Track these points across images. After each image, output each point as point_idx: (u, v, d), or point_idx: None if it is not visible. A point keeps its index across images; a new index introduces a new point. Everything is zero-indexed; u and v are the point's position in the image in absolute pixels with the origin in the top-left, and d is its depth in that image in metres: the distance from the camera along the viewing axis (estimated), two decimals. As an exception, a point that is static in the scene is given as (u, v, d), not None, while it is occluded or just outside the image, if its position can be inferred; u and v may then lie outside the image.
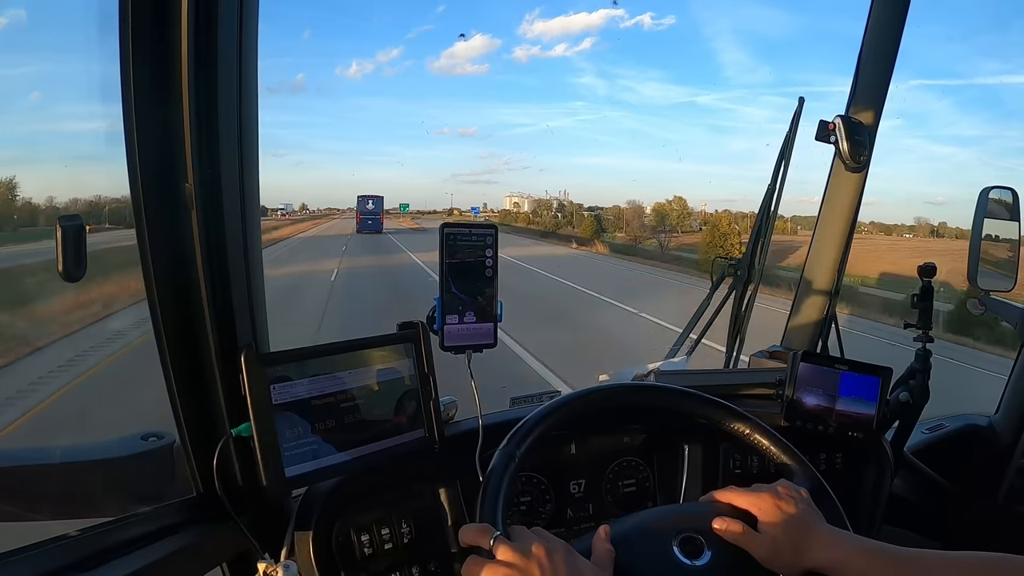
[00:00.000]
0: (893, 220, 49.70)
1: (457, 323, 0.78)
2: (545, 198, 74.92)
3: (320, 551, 0.76)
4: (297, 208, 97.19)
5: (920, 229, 49.62)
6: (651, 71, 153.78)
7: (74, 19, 1.54)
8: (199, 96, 0.64)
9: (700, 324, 1.43)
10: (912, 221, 51.57)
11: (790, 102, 1.31)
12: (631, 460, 1.01)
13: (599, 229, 49.97)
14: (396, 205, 68.26)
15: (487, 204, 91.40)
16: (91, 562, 0.64)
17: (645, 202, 51.13)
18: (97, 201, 3.81)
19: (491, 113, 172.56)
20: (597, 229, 49.54)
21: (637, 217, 49.42)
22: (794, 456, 0.76)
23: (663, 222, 47.87)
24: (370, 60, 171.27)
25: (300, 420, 0.70)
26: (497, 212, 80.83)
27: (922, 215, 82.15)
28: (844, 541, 0.64)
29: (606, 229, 51.12)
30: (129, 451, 0.74)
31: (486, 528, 0.59)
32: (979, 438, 1.36)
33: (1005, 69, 79.81)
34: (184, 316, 0.69)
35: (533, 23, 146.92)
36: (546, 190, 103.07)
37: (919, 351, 1.14)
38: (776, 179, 1.33)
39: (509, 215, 75.22)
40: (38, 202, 8.34)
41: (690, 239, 24.73)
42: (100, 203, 3.70)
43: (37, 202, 7.95)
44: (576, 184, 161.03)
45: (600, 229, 50.06)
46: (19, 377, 4.48)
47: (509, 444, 0.68)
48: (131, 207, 0.65)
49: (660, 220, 48.40)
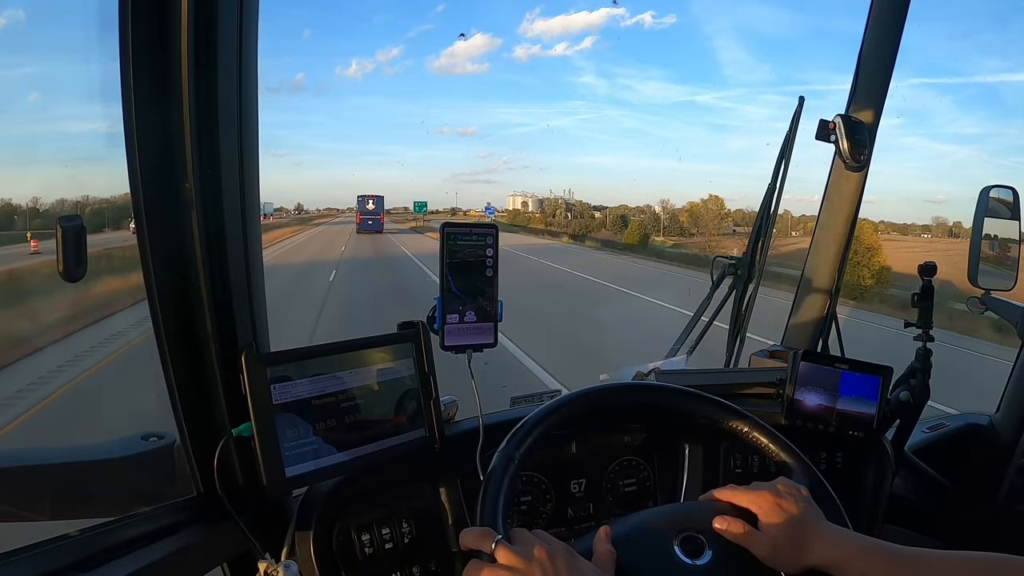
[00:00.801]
0: (898, 219, 47.82)
1: (457, 323, 0.78)
2: (551, 197, 73.61)
3: (321, 551, 0.76)
4: (293, 208, 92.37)
5: (937, 229, 47.08)
6: (651, 70, 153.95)
7: (74, 19, 1.54)
8: (199, 96, 0.64)
9: (700, 324, 1.43)
10: (916, 220, 49.64)
11: (790, 100, 1.31)
12: (631, 460, 1.01)
13: (644, 235, 45.04)
14: (408, 205, 64.32)
15: (490, 203, 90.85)
16: (92, 562, 0.64)
17: (674, 201, 47.72)
18: (84, 202, 3.76)
19: (491, 112, 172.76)
20: (643, 235, 44.31)
21: (715, 219, 42.26)
22: (793, 454, 0.75)
23: (696, 224, 44.05)
24: (370, 59, 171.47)
25: (300, 420, 0.70)
26: (506, 212, 78.40)
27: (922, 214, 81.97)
28: (845, 539, 0.64)
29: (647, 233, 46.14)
30: (129, 451, 0.74)
31: (487, 532, 0.58)
32: (980, 437, 1.36)
33: (1005, 67, 79.84)
34: (184, 316, 0.69)
35: (534, 22, 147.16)
36: (551, 189, 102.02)
37: (919, 350, 1.14)
38: (776, 178, 1.33)
39: (519, 215, 73.20)
40: (19, 203, 8.16)
41: (788, 248, 19.80)
42: (86, 203, 3.65)
43: (18, 203, 7.77)
44: (575, 183, 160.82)
45: (644, 235, 45.33)
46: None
47: (508, 445, 0.68)
48: (130, 206, 0.65)
49: (694, 222, 44.70)
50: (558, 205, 70.25)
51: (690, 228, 45.05)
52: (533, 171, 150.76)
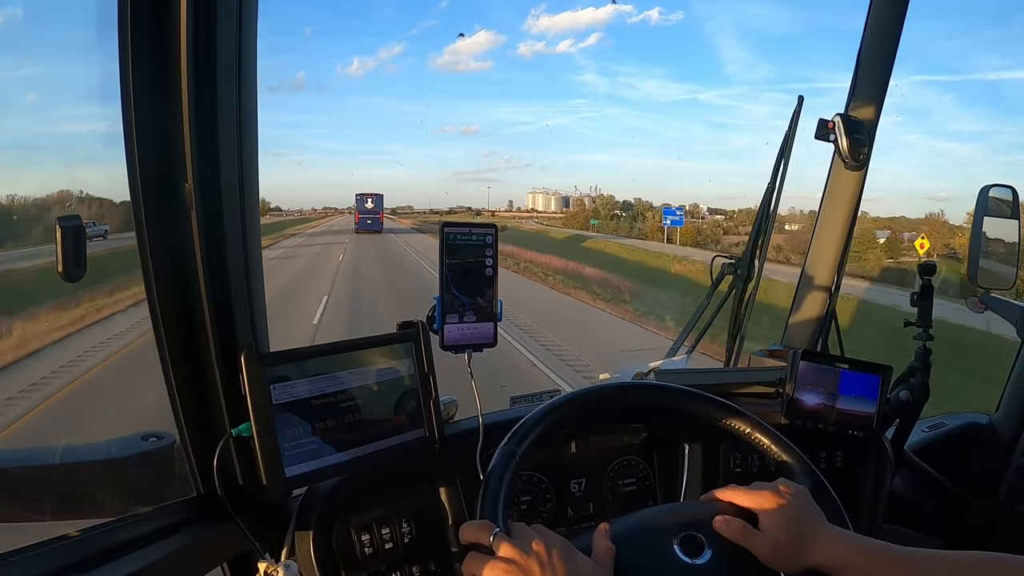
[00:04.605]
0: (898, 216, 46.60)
1: (457, 323, 0.78)
2: (576, 194, 68.40)
3: (320, 551, 0.76)
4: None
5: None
6: (652, 68, 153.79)
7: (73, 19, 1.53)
8: (199, 96, 0.64)
9: (700, 323, 1.43)
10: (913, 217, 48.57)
11: (791, 98, 1.30)
12: (631, 459, 1.01)
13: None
14: (410, 204, 57.37)
15: (512, 202, 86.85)
16: (92, 562, 0.64)
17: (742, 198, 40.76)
18: (65, 196, 3.66)
19: (493, 111, 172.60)
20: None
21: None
22: (794, 454, 0.75)
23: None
24: (372, 57, 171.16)
25: (300, 420, 0.70)
26: (565, 212, 67.92)
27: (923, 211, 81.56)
28: (845, 540, 0.64)
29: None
30: (129, 451, 0.75)
31: (486, 525, 0.59)
32: (979, 436, 1.36)
33: (1005, 65, 79.73)
34: (184, 316, 0.69)
35: (539, 18, 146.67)
36: (575, 185, 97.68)
37: (919, 349, 1.14)
38: (776, 177, 1.33)
39: (574, 218, 59.11)
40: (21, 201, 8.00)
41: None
42: (64, 198, 3.56)
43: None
44: (575, 182, 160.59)
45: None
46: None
47: (510, 442, 0.68)
48: (130, 206, 0.65)
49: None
50: (611, 203, 61.09)
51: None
52: (535, 169, 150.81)
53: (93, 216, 3.11)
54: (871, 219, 36.80)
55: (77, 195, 3.54)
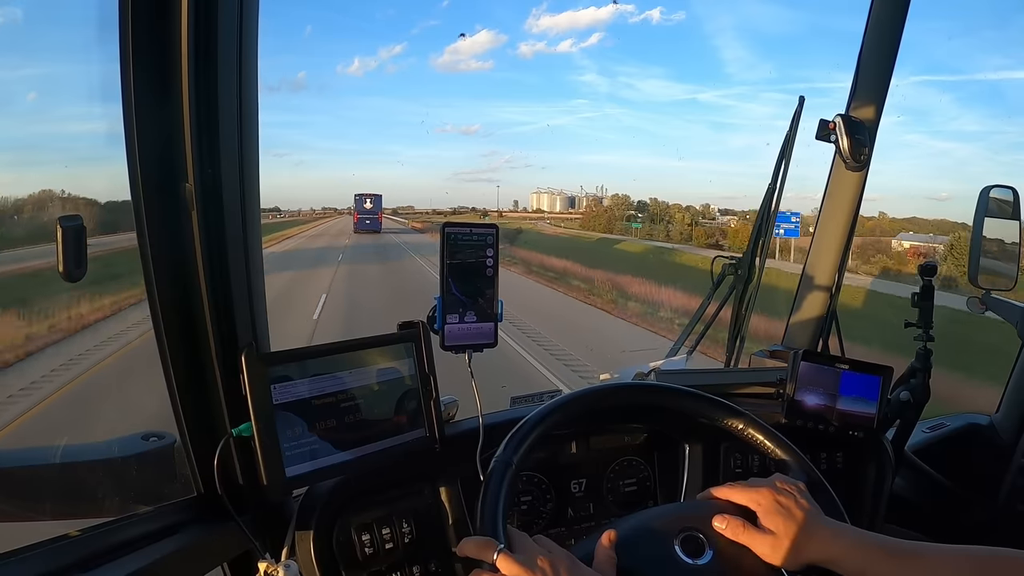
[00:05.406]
0: (898, 216, 45.58)
1: (457, 323, 0.78)
2: (581, 194, 66.19)
3: (321, 551, 0.76)
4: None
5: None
6: (653, 68, 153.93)
7: (74, 19, 1.53)
8: (199, 96, 0.64)
9: (701, 323, 1.43)
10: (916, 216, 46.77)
11: (791, 98, 1.30)
12: (632, 459, 1.01)
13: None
14: (410, 204, 52.40)
15: (517, 202, 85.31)
16: (92, 562, 0.64)
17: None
18: (47, 195, 3.54)
19: (494, 111, 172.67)
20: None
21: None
22: (789, 450, 0.75)
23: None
24: (372, 57, 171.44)
25: (300, 420, 0.70)
26: (581, 213, 63.03)
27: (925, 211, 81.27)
28: (844, 535, 0.64)
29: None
30: (130, 451, 0.74)
31: (489, 542, 0.58)
32: (980, 437, 1.36)
33: (1006, 65, 79.70)
34: (184, 316, 0.69)
35: (540, 18, 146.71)
36: (580, 185, 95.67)
37: (920, 350, 1.14)
38: (777, 178, 1.33)
39: (595, 220, 54.75)
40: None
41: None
42: (46, 198, 3.47)
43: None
44: (575, 182, 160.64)
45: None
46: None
47: (506, 451, 0.67)
48: (131, 207, 0.65)
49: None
50: (625, 203, 57.33)
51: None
52: (535, 169, 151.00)
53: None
54: (888, 220, 35.78)
55: (59, 195, 3.53)
